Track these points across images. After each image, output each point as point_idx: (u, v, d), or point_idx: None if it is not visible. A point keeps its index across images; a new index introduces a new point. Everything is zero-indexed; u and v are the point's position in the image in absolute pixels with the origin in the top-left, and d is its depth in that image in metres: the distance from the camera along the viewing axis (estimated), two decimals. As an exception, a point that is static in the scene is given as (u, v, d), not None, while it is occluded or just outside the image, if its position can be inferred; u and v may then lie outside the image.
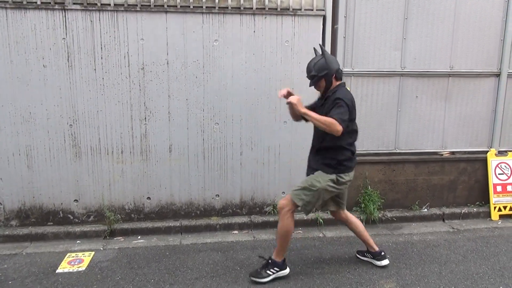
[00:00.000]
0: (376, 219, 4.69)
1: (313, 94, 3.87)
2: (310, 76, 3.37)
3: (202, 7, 4.30)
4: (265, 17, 4.40)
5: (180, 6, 4.27)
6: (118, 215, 4.44)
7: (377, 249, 3.70)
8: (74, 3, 4.12)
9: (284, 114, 4.55)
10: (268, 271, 3.40)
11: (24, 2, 4.06)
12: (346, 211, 3.70)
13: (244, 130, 4.57)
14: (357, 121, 3.41)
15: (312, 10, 4.47)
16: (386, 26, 4.67)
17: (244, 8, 4.36)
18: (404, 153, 4.95)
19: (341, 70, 3.39)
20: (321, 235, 4.45)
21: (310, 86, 3.40)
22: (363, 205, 4.74)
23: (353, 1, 4.56)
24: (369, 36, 4.66)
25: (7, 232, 4.25)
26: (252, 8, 4.37)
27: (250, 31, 4.41)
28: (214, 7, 4.31)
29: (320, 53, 3.39)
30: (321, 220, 4.63)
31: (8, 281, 3.44)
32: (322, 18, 4.52)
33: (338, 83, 3.37)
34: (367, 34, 4.65)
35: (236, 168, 4.62)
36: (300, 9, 4.45)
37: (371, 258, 3.74)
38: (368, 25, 4.64)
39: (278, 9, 4.41)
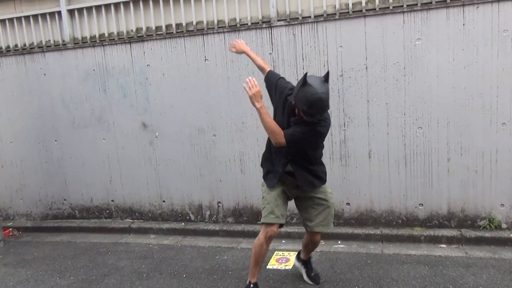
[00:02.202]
0: None
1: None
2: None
3: (402, 6, 4.11)
4: (477, 7, 3.92)
5: (379, 9, 4.17)
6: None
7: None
8: (278, 20, 4.47)
9: (502, 114, 3.98)
10: None
11: (238, 25, 4.61)
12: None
13: (452, 134, 4.15)
14: None
15: (540, -11, 3.79)
16: None
17: (451, 0, 3.98)
18: None
19: None
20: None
21: None
22: None
23: None
24: None
25: (225, 228, 4.86)
26: (460, -1, 3.97)
27: (459, 25, 3.99)
28: (416, 4, 4.07)
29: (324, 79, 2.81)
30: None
31: (228, 271, 3.91)
32: (554, -3, 3.78)
33: None
34: None
35: (442, 175, 4.23)
36: (523, -9, 3.82)
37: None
38: None
39: (494, -5, 3.88)
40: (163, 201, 5.21)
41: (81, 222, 5.53)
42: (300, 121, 2.92)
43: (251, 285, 3.19)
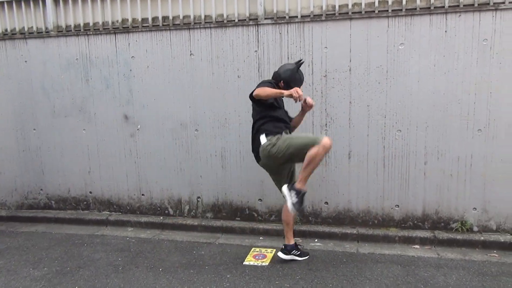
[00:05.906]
0: None
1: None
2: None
3: (387, 10, 4.19)
4: (459, 15, 4.02)
5: (365, 12, 4.24)
6: (297, 217, 4.62)
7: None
8: (265, 18, 4.49)
9: (478, 121, 4.10)
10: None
11: (225, 21, 4.62)
12: None
13: (430, 138, 4.25)
14: None
15: (519, 2, 3.91)
16: None
17: (434, 7, 4.08)
18: None
19: None
20: (524, 262, 3.82)
21: None
22: None
23: None
24: None
25: (203, 223, 4.86)
26: (444, 7, 4.05)
27: (441, 32, 4.09)
28: (401, 10, 4.15)
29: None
30: (523, 245, 3.98)
31: (205, 266, 3.92)
32: (532, 10, 3.90)
33: None
34: None
35: (419, 178, 4.33)
36: (504, 2, 3.93)
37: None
38: None
39: (476, 5, 3.98)
40: (142, 194, 5.18)
41: (58, 213, 5.46)
42: None
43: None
